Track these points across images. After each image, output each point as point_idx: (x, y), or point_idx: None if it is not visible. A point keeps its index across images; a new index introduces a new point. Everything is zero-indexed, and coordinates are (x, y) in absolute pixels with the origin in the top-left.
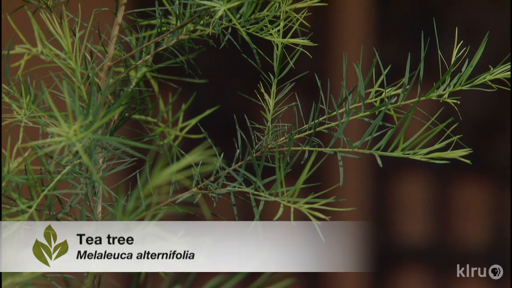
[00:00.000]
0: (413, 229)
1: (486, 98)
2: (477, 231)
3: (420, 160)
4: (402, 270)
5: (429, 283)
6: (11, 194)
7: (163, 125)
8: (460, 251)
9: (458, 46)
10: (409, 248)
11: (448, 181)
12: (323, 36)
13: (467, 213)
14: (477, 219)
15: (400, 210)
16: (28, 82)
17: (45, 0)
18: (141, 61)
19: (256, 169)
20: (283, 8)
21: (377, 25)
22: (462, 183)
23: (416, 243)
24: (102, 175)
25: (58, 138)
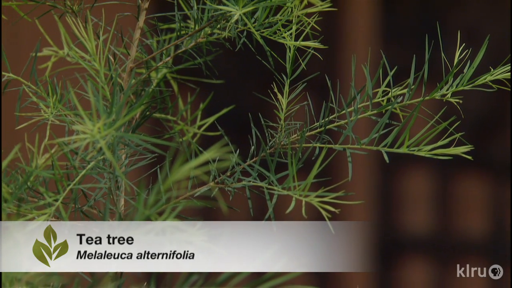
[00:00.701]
0: (417, 221)
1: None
2: (477, 223)
3: (424, 156)
4: (406, 259)
5: (431, 272)
6: (39, 188)
7: (182, 123)
8: (461, 241)
9: (460, 48)
10: (413, 238)
11: (450, 176)
12: (333, 39)
13: (468, 206)
14: (477, 211)
15: (405, 203)
16: (55, 82)
17: (71, 5)
18: (162, 62)
19: (270, 165)
20: (295, 13)
21: (383, 29)
22: (463, 178)
23: (419, 234)
24: (124, 170)
25: (83, 135)
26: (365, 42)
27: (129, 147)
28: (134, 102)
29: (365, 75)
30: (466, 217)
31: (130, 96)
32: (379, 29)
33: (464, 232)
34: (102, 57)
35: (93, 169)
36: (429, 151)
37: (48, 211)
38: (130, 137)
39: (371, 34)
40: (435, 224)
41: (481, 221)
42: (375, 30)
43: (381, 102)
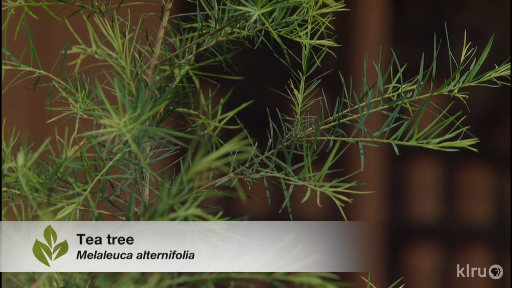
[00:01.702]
0: (425, 209)
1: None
2: (481, 211)
3: (432, 148)
4: (414, 245)
5: (438, 256)
6: (68, 178)
7: (204, 117)
8: (466, 228)
9: (467, 47)
10: (421, 225)
11: (456, 167)
12: (346, 38)
13: (472, 195)
14: (481, 200)
15: (413, 192)
16: (83, 78)
17: (99, 6)
18: (184, 60)
19: (286, 157)
20: (310, 13)
21: (393, 29)
22: (468, 168)
23: (427, 221)
24: (149, 161)
25: (110, 129)
26: (376, 41)
27: (154, 140)
28: (158, 97)
29: (376, 72)
30: (471, 205)
31: (155, 92)
32: (389, 29)
33: (468, 219)
34: (128, 55)
35: (120, 160)
36: (437, 144)
37: (77, 200)
38: (155, 131)
39: (381, 34)
40: (442, 212)
41: (485, 209)
42: (385, 29)
43: (392, 98)
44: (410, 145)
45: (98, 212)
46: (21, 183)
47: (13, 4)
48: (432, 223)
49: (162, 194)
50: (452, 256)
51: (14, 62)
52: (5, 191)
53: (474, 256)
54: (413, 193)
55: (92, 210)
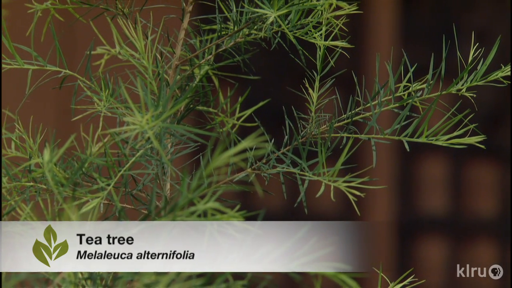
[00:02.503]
0: (433, 203)
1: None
2: (486, 204)
3: (441, 145)
4: (423, 236)
5: (446, 247)
6: (93, 173)
7: (222, 115)
8: (473, 220)
9: (474, 47)
10: (430, 218)
11: (463, 163)
12: (358, 39)
13: (478, 190)
14: (487, 194)
15: (422, 187)
16: (107, 78)
17: (122, 8)
18: (204, 60)
19: (302, 153)
20: (325, 15)
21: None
22: (475, 164)
23: (435, 214)
24: (170, 157)
25: (132, 126)
26: (387, 42)
27: (175, 136)
28: (179, 96)
29: (387, 72)
30: (477, 199)
31: (176, 91)
32: (400, 31)
33: (475, 213)
34: (150, 55)
35: (142, 156)
36: (445, 141)
37: (101, 194)
38: (176, 128)
39: (392, 35)
40: (449, 205)
41: (490, 203)
42: (396, 31)
43: (403, 96)
44: (419, 142)
45: (121, 206)
46: (47, 178)
47: (40, 6)
48: (440, 216)
49: (182, 188)
50: (459, 247)
51: (41, 62)
52: (32, 185)
53: (480, 247)
54: (422, 187)
55: (116, 204)
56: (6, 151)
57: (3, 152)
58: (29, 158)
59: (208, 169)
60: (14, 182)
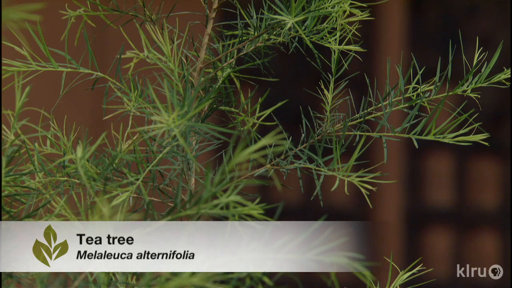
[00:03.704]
0: (440, 196)
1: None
2: (489, 197)
3: (448, 142)
4: (430, 227)
5: (452, 237)
6: (123, 169)
7: (243, 114)
8: (477, 212)
9: (478, 52)
10: (436, 210)
11: (467, 159)
12: (371, 44)
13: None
14: (490, 188)
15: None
16: (136, 80)
17: (150, 15)
18: (226, 63)
19: (318, 150)
20: (339, 21)
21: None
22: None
23: (441, 206)
24: (195, 154)
25: (160, 125)
26: (397, 46)
27: (199, 134)
28: (203, 97)
29: (398, 74)
30: (481, 192)
31: (200, 92)
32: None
33: (478, 205)
34: (176, 59)
35: (169, 153)
36: (452, 138)
37: (130, 188)
38: (200, 126)
39: (402, 40)
40: (455, 198)
41: (493, 196)
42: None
43: (412, 97)
44: (427, 139)
45: (149, 199)
46: (80, 173)
47: (74, 13)
48: (446, 208)
49: (206, 183)
50: (464, 237)
51: (74, 65)
52: (66, 180)
53: (483, 237)
54: (429, 182)
55: (144, 197)
56: (42, 148)
57: (39, 149)
58: (63, 155)
59: (230, 164)
60: (49, 177)
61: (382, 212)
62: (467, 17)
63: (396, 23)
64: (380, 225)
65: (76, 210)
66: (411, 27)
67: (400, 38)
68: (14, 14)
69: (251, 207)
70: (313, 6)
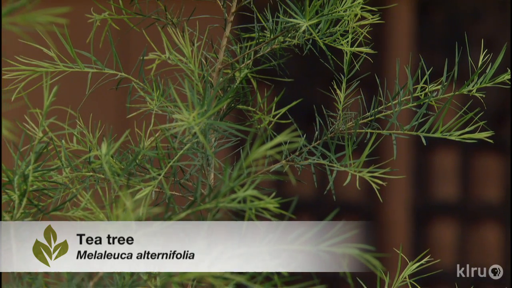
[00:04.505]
0: (445, 190)
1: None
2: (492, 192)
3: (454, 139)
4: (437, 220)
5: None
6: (145, 164)
7: (260, 113)
8: (480, 206)
9: (483, 53)
10: (442, 203)
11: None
12: (381, 46)
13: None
14: (493, 183)
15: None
16: (158, 80)
17: (171, 18)
18: (244, 64)
19: (330, 146)
20: (351, 25)
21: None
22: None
23: (447, 200)
24: (214, 150)
25: (181, 123)
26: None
27: (218, 132)
28: (221, 96)
29: (406, 75)
30: (484, 187)
31: (219, 91)
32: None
33: (482, 199)
34: (196, 60)
35: (189, 149)
36: (458, 136)
37: (153, 183)
38: (219, 124)
39: (410, 42)
40: (460, 192)
41: (496, 191)
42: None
43: (420, 96)
44: (435, 137)
45: (171, 193)
46: (105, 169)
47: (99, 17)
48: (451, 202)
49: (224, 178)
50: (468, 229)
51: (100, 66)
52: (92, 175)
53: (486, 229)
54: (435, 177)
55: (166, 192)
56: (68, 145)
57: (66, 146)
58: (89, 151)
59: (247, 160)
60: (75, 172)
61: (391, 205)
62: (472, 20)
63: (405, 26)
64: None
65: (101, 204)
66: (419, 30)
67: (408, 40)
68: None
69: (267, 201)
70: (326, 10)
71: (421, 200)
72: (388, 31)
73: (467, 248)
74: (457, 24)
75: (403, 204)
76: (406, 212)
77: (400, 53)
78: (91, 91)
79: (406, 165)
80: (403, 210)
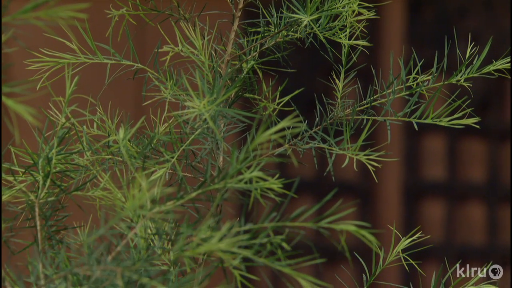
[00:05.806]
0: (435, 172)
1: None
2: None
3: (443, 125)
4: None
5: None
6: (160, 148)
7: (265, 101)
8: (466, 186)
9: (470, 46)
10: (431, 184)
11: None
12: (376, 39)
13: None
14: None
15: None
16: (172, 71)
17: (184, 14)
18: (250, 56)
19: (330, 131)
20: (349, 20)
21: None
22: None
23: (436, 180)
24: (222, 135)
25: (192, 110)
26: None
27: (226, 118)
28: (230, 85)
29: (400, 66)
30: (470, 169)
31: (227, 81)
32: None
33: (468, 180)
34: (206, 52)
35: (200, 134)
36: (447, 122)
37: (166, 165)
38: (227, 111)
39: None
40: (448, 174)
41: (481, 172)
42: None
43: (412, 86)
44: (426, 123)
45: (183, 174)
46: (122, 152)
47: (117, 12)
48: (439, 182)
49: (232, 160)
50: (456, 208)
51: (118, 58)
52: (110, 158)
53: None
54: (425, 159)
55: (178, 173)
56: (89, 130)
57: (87, 131)
58: (108, 136)
59: (253, 144)
60: (95, 155)
61: (385, 185)
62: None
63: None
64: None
65: (119, 184)
66: (411, 25)
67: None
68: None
69: (271, 182)
70: (326, 6)
71: (412, 180)
72: (383, 26)
73: (454, 225)
74: (446, 20)
75: (396, 184)
76: (398, 191)
77: (394, 46)
78: (109, 81)
79: (399, 148)
80: (396, 189)
